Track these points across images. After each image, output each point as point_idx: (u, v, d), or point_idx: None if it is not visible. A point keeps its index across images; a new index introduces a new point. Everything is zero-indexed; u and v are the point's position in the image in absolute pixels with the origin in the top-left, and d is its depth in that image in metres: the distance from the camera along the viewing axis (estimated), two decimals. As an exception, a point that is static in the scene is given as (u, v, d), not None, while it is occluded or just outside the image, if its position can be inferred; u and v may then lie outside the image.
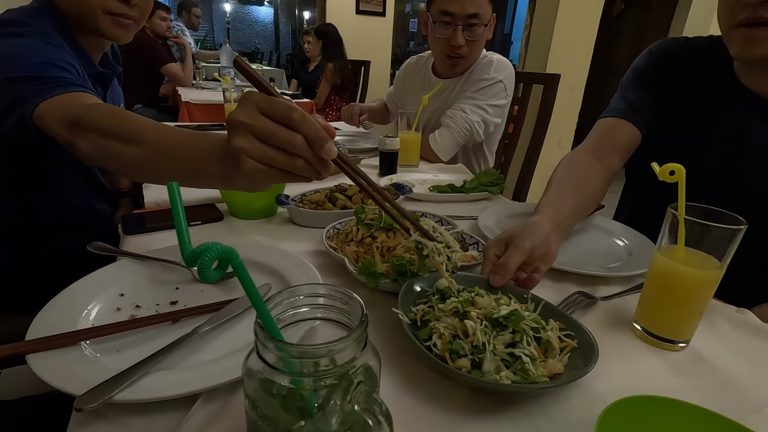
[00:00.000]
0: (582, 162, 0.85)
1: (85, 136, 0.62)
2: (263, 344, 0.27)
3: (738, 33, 0.69)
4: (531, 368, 0.41)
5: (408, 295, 0.52)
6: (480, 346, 0.43)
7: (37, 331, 0.44)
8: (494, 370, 0.41)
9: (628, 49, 5.30)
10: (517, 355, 0.42)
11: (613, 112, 0.89)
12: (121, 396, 0.37)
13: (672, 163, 0.50)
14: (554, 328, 0.47)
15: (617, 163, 0.87)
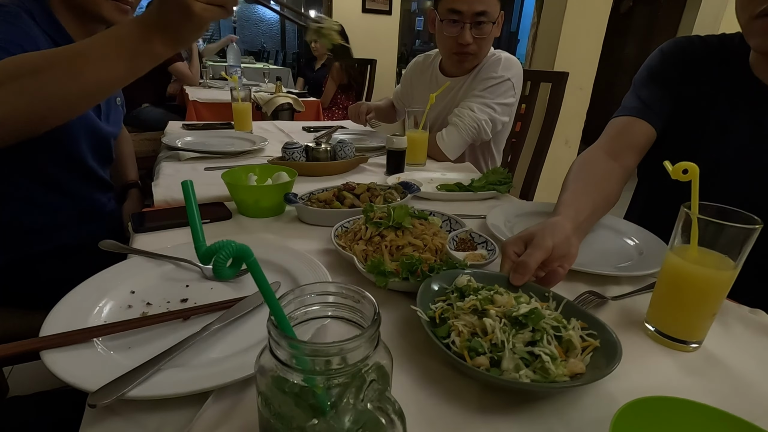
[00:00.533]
0: (597, 162, 0.84)
1: None
2: (276, 342, 0.28)
3: (758, 24, 0.68)
4: (551, 367, 0.40)
5: (426, 293, 0.51)
6: (499, 344, 0.42)
7: (50, 328, 0.45)
8: (513, 368, 0.41)
9: (637, 47, 5.25)
10: (536, 354, 0.42)
11: (627, 111, 0.88)
12: (134, 393, 0.37)
13: (685, 162, 0.49)
14: (576, 327, 0.46)
15: (632, 162, 0.86)
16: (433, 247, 0.64)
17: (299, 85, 4.13)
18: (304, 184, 0.97)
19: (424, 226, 0.67)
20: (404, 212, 0.66)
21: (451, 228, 0.75)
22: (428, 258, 0.61)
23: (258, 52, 8.78)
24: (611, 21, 2.59)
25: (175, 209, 0.83)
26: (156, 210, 0.83)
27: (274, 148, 1.37)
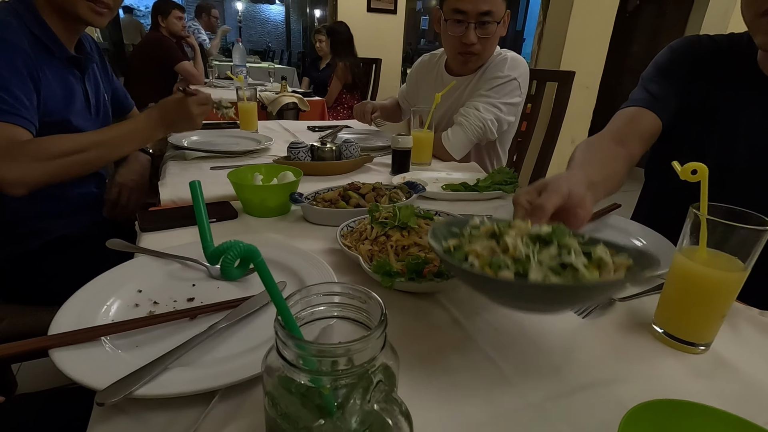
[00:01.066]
0: (603, 144, 0.83)
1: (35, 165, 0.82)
2: (283, 342, 0.28)
3: (763, 22, 0.68)
4: (585, 272, 0.36)
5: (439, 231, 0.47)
6: (523, 258, 0.38)
7: (59, 326, 0.45)
8: (542, 279, 0.37)
9: (644, 47, 5.20)
10: (566, 264, 0.37)
11: (635, 102, 0.87)
12: (141, 391, 0.37)
13: (694, 162, 0.49)
14: (605, 251, 0.41)
15: (638, 150, 0.85)
16: (438, 248, 0.63)
17: (304, 84, 4.13)
18: (309, 183, 0.97)
19: (429, 226, 0.67)
20: (410, 212, 0.66)
21: (457, 228, 0.75)
22: (433, 258, 0.61)
23: (263, 51, 8.81)
24: (617, 20, 2.57)
25: (181, 208, 0.84)
26: (163, 209, 0.84)
27: (279, 147, 1.38)
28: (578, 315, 0.56)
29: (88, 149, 0.89)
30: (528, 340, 0.51)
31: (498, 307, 0.57)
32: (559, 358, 0.49)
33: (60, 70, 0.96)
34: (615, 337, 0.53)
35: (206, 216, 0.27)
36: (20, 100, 0.85)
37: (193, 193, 0.28)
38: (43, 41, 0.92)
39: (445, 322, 0.54)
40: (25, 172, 0.82)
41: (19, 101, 0.85)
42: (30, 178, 0.83)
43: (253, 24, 11.37)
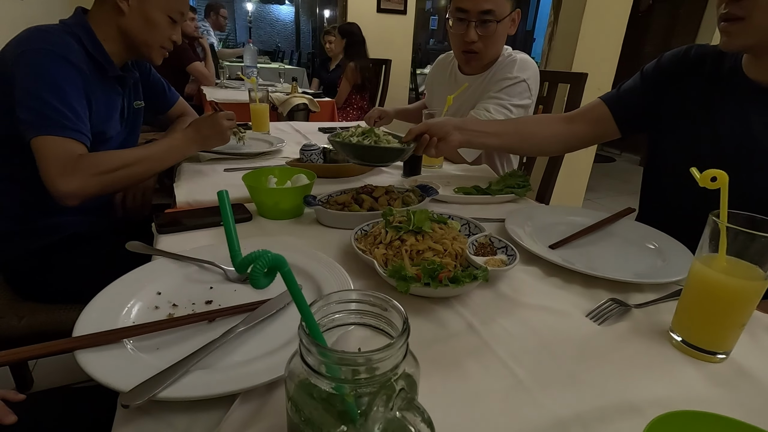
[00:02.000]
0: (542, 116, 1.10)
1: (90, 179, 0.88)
2: (307, 349, 0.28)
3: (721, 26, 0.74)
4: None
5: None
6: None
7: (82, 328, 0.46)
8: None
9: (656, 46, 5.14)
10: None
11: (602, 96, 1.01)
12: (164, 393, 0.38)
13: (713, 170, 0.48)
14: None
15: (583, 129, 1.02)
16: (453, 252, 0.63)
17: (314, 85, 4.15)
18: (322, 186, 0.98)
19: (443, 230, 0.67)
20: (424, 216, 0.66)
21: (470, 232, 0.75)
22: (448, 263, 0.61)
23: (273, 52, 8.85)
24: (630, 20, 2.54)
25: (197, 210, 0.85)
26: (179, 211, 0.85)
27: (291, 149, 1.39)
28: (594, 321, 0.56)
29: (136, 164, 0.96)
30: (544, 347, 0.51)
31: (513, 313, 0.57)
32: (575, 365, 0.49)
33: (108, 87, 1.04)
34: (632, 345, 0.53)
35: (234, 225, 0.28)
36: (80, 116, 0.91)
37: (221, 203, 0.29)
38: (98, 61, 0.99)
39: (460, 327, 0.54)
40: (81, 186, 0.87)
41: (79, 117, 0.91)
42: (85, 191, 0.88)
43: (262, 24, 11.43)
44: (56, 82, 0.88)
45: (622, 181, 4.45)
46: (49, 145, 0.85)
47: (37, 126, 0.86)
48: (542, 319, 0.56)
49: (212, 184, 1.03)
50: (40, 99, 0.86)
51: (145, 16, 1.03)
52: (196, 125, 1.09)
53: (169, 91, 1.38)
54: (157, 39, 1.05)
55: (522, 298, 0.61)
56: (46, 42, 0.90)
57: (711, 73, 0.86)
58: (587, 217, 0.86)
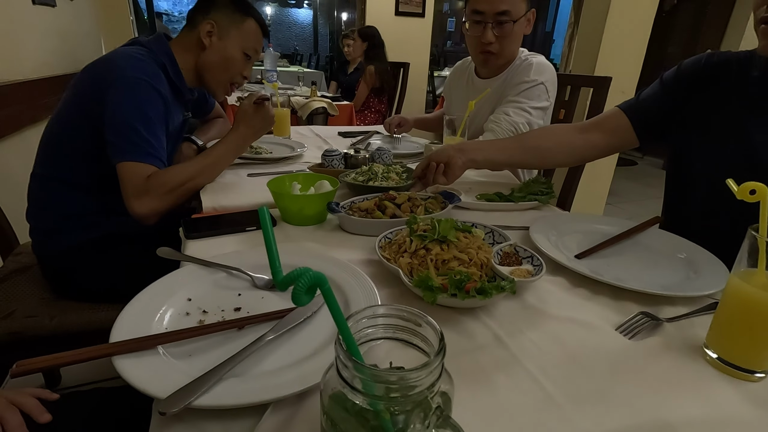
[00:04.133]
0: (553, 126, 1.07)
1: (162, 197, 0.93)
2: (345, 365, 0.28)
3: (762, 29, 0.71)
4: None
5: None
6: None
7: (118, 334, 0.48)
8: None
9: (681, 47, 5.02)
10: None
11: (621, 105, 0.98)
12: (199, 402, 0.39)
13: (753, 182, 0.47)
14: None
15: (598, 138, 0.98)
16: (478, 262, 0.63)
17: (332, 88, 4.18)
18: (343, 189, 0.99)
19: (468, 239, 0.67)
20: (450, 225, 0.66)
21: (494, 241, 0.75)
22: (474, 273, 0.61)
23: (291, 55, 8.94)
24: (654, 20, 2.48)
25: (223, 216, 0.86)
26: (205, 216, 0.87)
27: (312, 154, 1.40)
28: (625, 336, 0.55)
29: (200, 175, 1.01)
30: (573, 361, 0.50)
31: (541, 325, 0.57)
32: (606, 380, 0.48)
33: (179, 107, 1.15)
34: (664, 361, 0.51)
35: (275, 243, 0.28)
36: (161, 143, 0.98)
37: (262, 220, 0.29)
38: (176, 86, 1.09)
39: (487, 339, 0.54)
40: (155, 206, 0.93)
41: (161, 144, 0.98)
42: (158, 209, 0.93)
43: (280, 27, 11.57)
44: (147, 113, 0.95)
45: (645, 185, 4.35)
46: (132, 170, 0.92)
47: (125, 151, 0.92)
48: (571, 332, 0.56)
49: (236, 189, 1.04)
50: (130, 127, 0.93)
51: (224, 53, 1.11)
52: (245, 121, 1.11)
53: (209, 98, 1.43)
54: (231, 75, 1.15)
55: (549, 309, 0.60)
56: (140, 71, 0.97)
57: (738, 81, 0.83)
58: (613, 226, 0.85)
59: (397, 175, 1.05)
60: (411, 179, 1.02)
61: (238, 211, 0.89)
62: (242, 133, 1.10)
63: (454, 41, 9.97)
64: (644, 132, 0.95)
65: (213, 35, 1.10)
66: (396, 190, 0.93)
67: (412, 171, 1.07)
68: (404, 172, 1.07)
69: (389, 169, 1.07)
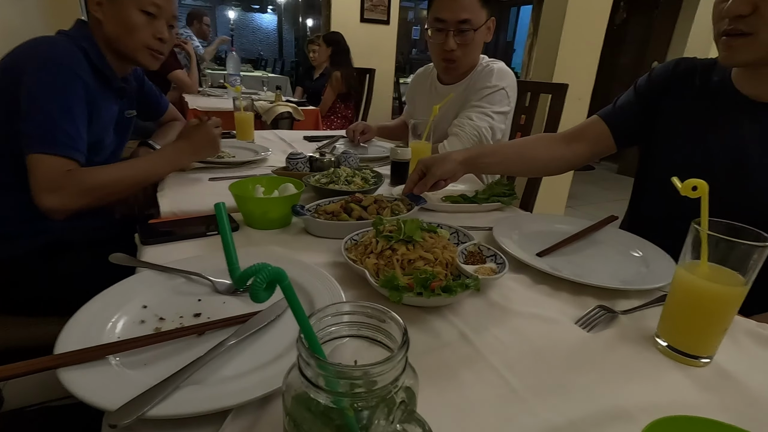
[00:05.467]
0: (542, 136, 1.07)
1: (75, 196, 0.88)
2: (307, 363, 0.28)
3: (722, 41, 0.75)
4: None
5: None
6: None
7: (64, 345, 0.45)
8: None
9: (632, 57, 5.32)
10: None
11: (599, 112, 1.02)
12: (154, 411, 0.37)
13: (694, 179, 0.50)
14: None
15: (582, 148, 1.02)
16: (443, 261, 0.64)
17: (298, 94, 4.14)
18: (308, 193, 0.98)
19: (434, 239, 0.68)
20: (415, 226, 0.66)
21: (459, 241, 0.76)
22: (440, 272, 0.61)
23: (255, 60, 8.80)
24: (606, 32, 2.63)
25: (182, 220, 0.83)
26: (164, 221, 0.83)
27: (276, 157, 1.38)
28: (583, 329, 0.57)
29: (123, 180, 0.96)
30: (536, 355, 0.52)
31: (505, 322, 0.58)
32: (566, 372, 0.49)
33: (109, 99, 1.06)
34: (620, 351, 0.54)
35: (232, 238, 0.27)
36: (80, 134, 0.92)
37: (218, 215, 0.28)
38: (103, 73, 1.01)
39: (453, 336, 0.54)
40: (65, 203, 0.87)
41: (79, 135, 0.91)
42: (69, 207, 0.88)
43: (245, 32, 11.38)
44: (63, 98, 0.89)
45: (602, 188, 4.56)
46: (44, 162, 0.86)
47: (37, 142, 0.86)
48: (533, 327, 0.57)
49: (197, 193, 1.01)
50: (45, 114, 0.86)
51: (120, 18, 1.00)
52: (187, 136, 1.08)
53: (162, 98, 1.38)
54: (139, 39, 1.02)
55: (512, 306, 0.62)
56: (57, 56, 0.90)
57: (700, 87, 0.88)
58: (572, 225, 0.88)
59: (362, 180, 1.04)
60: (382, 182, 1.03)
61: (199, 216, 0.86)
62: (180, 147, 1.07)
63: (420, 49, 10.15)
64: (621, 137, 0.99)
65: (102, 4, 0.99)
66: (362, 193, 0.93)
67: (381, 175, 1.08)
68: (374, 176, 1.07)
69: (354, 172, 1.06)
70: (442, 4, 1.33)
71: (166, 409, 0.37)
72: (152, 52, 1.04)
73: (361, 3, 4.36)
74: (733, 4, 0.70)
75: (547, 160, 1.04)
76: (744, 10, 0.69)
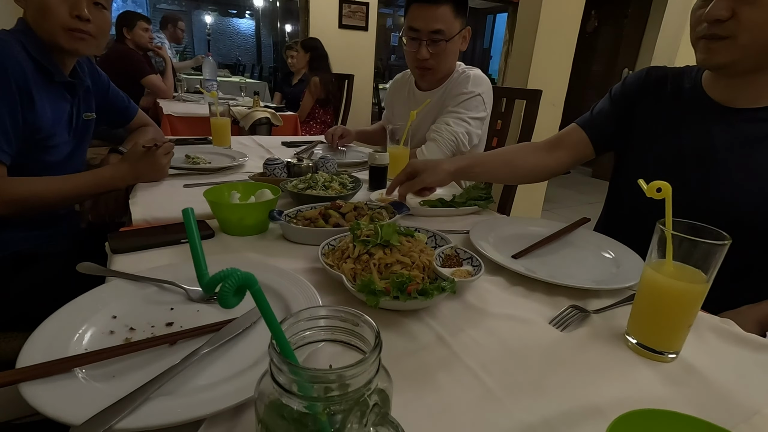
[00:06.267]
0: (526, 145, 1.12)
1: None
2: (279, 369, 0.27)
3: (701, 44, 0.79)
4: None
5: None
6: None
7: (27, 358, 0.43)
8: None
9: (603, 65, 5.50)
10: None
11: (578, 120, 1.06)
12: (122, 425, 0.36)
13: (658, 181, 0.52)
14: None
15: (564, 156, 1.06)
16: (420, 264, 0.64)
17: (276, 99, 4.11)
18: (286, 199, 0.97)
19: (411, 243, 0.68)
20: (392, 230, 0.67)
21: (436, 244, 0.76)
22: (417, 276, 0.61)
23: (233, 65, 8.70)
24: (578, 40, 2.71)
25: (154, 228, 0.81)
26: (135, 229, 0.81)
27: (254, 163, 1.36)
28: (557, 328, 0.58)
29: (50, 196, 0.94)
30: (511, 355, 0.52)
31: (481, 323, 0.58)
32: (541, 371, 0.50)
33: (54, 93, 1.00)
34: (592, 349, 0.55)
35: (200, 244, 0.27)
36: (5, 131, 0.88)
37: (186, 221, 0.28)
38: (43, 66, 0.96)
39: (430, 339, 0.54)
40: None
41: (3, 132, 0.88)
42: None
43: (222, 37, 11.26)
44: None
45: (578, 191, 4.67)
46: None
47: None
48: (508, 328, 0.58)
49: (171, 200, 0.99)
50: None
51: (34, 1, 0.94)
52: (132, 162, 1.04)
53: (129, 104, 1.34)
54: (55, 20, 0.94)
55: (488, 307, 0.62)
56: None
57: (672, 93, 0.92)
58: (546, 227, 0.90)
59: (340, 185, 1.04)
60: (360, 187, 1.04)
61: (172, 223, 0.84)
62: (121, 170, 1.03)
63: (398, 55, 10.24)
64: (599, 143, 1.03)
65: None
66: (340, 198, 0.93)
67: (359, 180, 1.08)
68: (352, 182, 1.07)
69: (333, 178, 1.06)
70: (416, 14, 1.35)
71: (136, 422, 0.36)
72: (72, 33, 0.96)
73: (340, 9, 4.39)
74: (712, 8, 0.73)
75: (532, 168, 1.08)
76: (723, 14, 0.72)
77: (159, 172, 1.09)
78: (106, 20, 1.03)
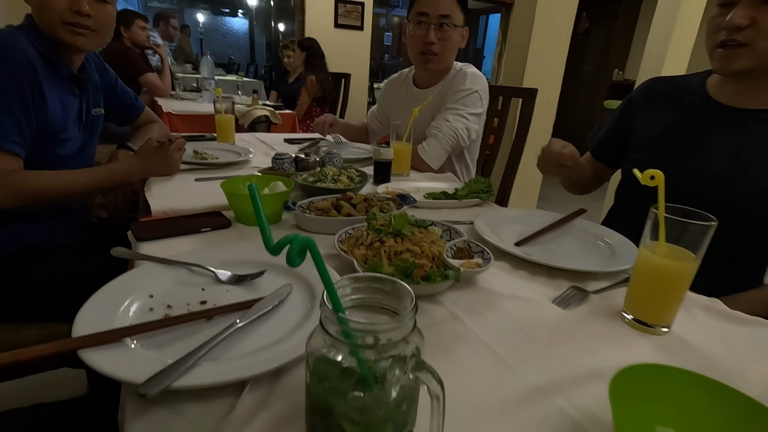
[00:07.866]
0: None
1: (12, 197, 0.89)
2: (331, 321, 0.32)
3: (718, 51, 0.82)
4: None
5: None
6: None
7: (80, 330, 0.47)
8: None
9: (594, 65, 5.61)
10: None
11: (590, 149, 1.20)
12: (179, 383, 0.40)
13: (651, 170, 0.57)
14: None
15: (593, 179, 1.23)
16: (430, 254, 0.68)
17: (272, 98, 4.13)
18: (296, 191, 1.01)
19: (423, 234, 0.72)
20: (404, 220, 0.71)
21: (450, 238, 0.80)
22: (425, 264, 0.65)
23: (227, 64, 8.67)
24: (571, 40, 2.78)
25: (174, 219, 0.85)
26: (155, 220, 0.85)
27: (259, 159, 1.40)
28: (560, 307, 0.63)
29: (66, 190, 0.96)
30: (519, 329, 0.57)
31: (489, 302, 0.63)
32: (547, 343, 0.55)
33: (62, 87, 1.02)
34: (592, 324, 0.60)
35: (264, 215, 0.31)
36: (19, 123, 0.89)
37: (251, 196, 0.32)
38: (50, 60, 0.97)
39: (445, 316, 0.59)
40: (2, 203, 0.88)
41: (17, 125, 0.89)
42: (3, 207, 0.89)
43: (215, 36, 11.20)
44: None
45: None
46: None
47: None
48: (515, 307, 0.63)
49: (186, 193, 1.02)
50: None
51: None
52: (145, 157, 1.07)
53: (137, 101, 1.37)
54: (54, 14, 0.95)
55: (496, 288, 0.67)
56: None
57: (676, 101, 0.97)
58: (546, 218, 0.95)
59: (348, 178, 1.09)
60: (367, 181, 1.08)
61: (190, 214, 0.88)
62: (134, 164, 1.06)
63: (392, 55, 10.29)
64: (611, 162, 1.16)
65: None
66: (349, 191, 0.97)
67: (366, 174, 1.12)
68: (359, 175, 1.11)
69: (341, 172, 1.10)
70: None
71: (190, 380, 0.40)
72: (71, 28, 0.96)
73: (335, 9, 4.42)
74: (733, 16, 0.77)
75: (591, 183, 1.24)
76: (743, 22, 0.76)
77: (171, 167, 1.12)
78: (108, 14, 1.03)
